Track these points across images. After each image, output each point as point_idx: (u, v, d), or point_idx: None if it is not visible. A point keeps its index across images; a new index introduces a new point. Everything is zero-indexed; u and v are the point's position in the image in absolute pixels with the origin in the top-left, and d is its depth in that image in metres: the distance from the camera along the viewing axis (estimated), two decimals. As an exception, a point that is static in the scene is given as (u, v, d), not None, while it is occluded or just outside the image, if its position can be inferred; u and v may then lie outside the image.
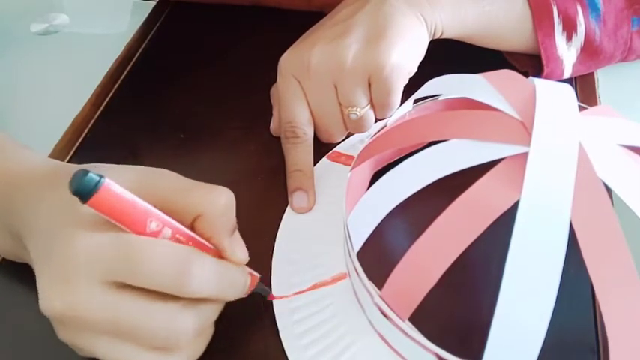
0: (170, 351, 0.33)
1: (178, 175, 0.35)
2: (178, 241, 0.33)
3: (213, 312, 0.35)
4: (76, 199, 0.30)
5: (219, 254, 0.35)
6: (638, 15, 0.52)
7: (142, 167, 0.35)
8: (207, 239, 0.35)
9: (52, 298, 0.31)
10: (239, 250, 0.36)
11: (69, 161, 0.50)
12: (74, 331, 0.32)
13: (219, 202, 0.34)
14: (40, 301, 0.31)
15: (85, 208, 0.30)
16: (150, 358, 0.32)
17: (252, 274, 0.37)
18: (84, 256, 0.30)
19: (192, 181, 0.35)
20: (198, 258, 0.32)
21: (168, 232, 0.32)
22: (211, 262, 0.33)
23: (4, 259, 0.42)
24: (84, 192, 0.29)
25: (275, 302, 0.40)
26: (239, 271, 0.36)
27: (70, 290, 0.30)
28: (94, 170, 0.30)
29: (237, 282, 0.36)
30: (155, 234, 0.32)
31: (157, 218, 0.32)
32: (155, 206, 0.33)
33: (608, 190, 0.32)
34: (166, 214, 0.33)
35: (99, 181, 0.29)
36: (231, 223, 0.36)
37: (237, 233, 0.36)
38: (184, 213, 0.34)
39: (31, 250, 0.34)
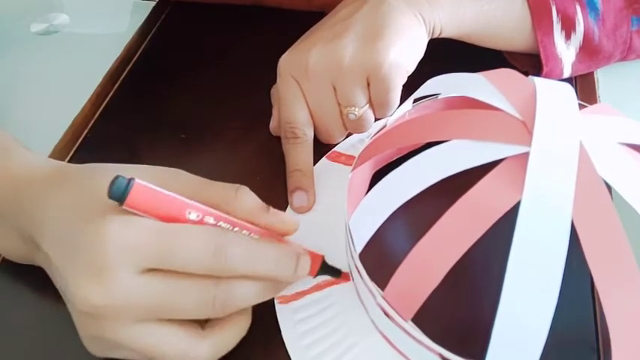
0: (203, 334, 0.34)
1: (192, 175, 0.36)
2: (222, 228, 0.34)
3: (250, 292, 0.34)
4: (96, 193, 0.31)
5: (270, 234, 0.36)
6: (638, 14, 0.52)
7: (155, 167, 0.36)
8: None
9: (88, 291, 0.31)
10: (287, 219, 0.36)
11: (69, 161, 0.50)
12: (106, 323, 0.32)
13: (241, 196, 0.35)
14: (74, 297, 0.31)
15: (108, 200, 0.31)
16: (181, 343, 0.33)
17: (314, 254, 0.37)
18: (116, 245, 0.31)
19: (207, 180, 0.36)
20: (232, 236, 0.33)
21: (210, 219, 0.33)
22: (245, 239, 0.34)
23: (4, 259, 0.42)
24: (118, 194, 0.31)
25: (277, 303, 0.40)
26: (281, 247, 0.35)
27: (107, 281, 0.31)
28: (108, 170, 0.32)
29: (280, 257, 0.35)
30: (200, 223, 0.33)
31: (195, 208, 0.33)
32: None
33: (609, 188, 0.32)
34: None
35: (129, 183, 0.31)
36: (261, 204, 0.36)
37: (273, 209, 0.36)
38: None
39: (49, 249, 0.34)
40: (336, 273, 0.39)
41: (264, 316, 0.39)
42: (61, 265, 0.33)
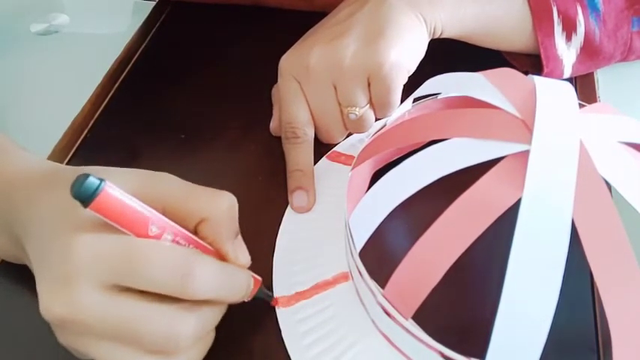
0: (169, 355, 0.33)
1: (180, 179, 0.35)
2: (180, 244, 0.33)
3: (214, 316, 0.34)
4: (77, 202, 0.30)
5: (221, 258, 0.35)
6: (639, 15, 0.52)
7: (145, 171, 0.35)
8: (210, 243, 0.35)
9: (51, 302, 0.30)
10: (242, 254, 0.36)
11: (69, 161, 0.50)
12: (74, 336, 0.32)
13: (223, 207, 0.35)
14: (40, 305, 0.31)
15: (86, 211, 0.30)
16: None
17: (254, 278, 0.37)
18: (84, 259, 0.30)
19: (194, 185, 0.35)
20: (200, 259, 0.32)
21: (169, 235, 0.32)
22: (213, 263, 0.33)
23: (3, 260, 0.42)
24: (84, 196, 0.29)
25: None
26: (241, 273, 0.36)
27: (70, 294, 0.30)
28: (96, 173, 0.30)
29: (240, 284, 0.35)
30: (157, 237, 0.32)
31: (158, 222, 0.32)
32: (158, 210, 0.33)
33: (609, 186, 0.32)
34: (169, 218, 0.33)
35: (99, 185, 0.29)
36: (235, 227, 0.36)
37: (239, 237, 0.36)
38: (188, 217, 0.34)
39: (30, 252, 0.34)
40: (270, 297, 0.39)
41: (264, 316, 0.39)
42: (35, 268, 0.33)
